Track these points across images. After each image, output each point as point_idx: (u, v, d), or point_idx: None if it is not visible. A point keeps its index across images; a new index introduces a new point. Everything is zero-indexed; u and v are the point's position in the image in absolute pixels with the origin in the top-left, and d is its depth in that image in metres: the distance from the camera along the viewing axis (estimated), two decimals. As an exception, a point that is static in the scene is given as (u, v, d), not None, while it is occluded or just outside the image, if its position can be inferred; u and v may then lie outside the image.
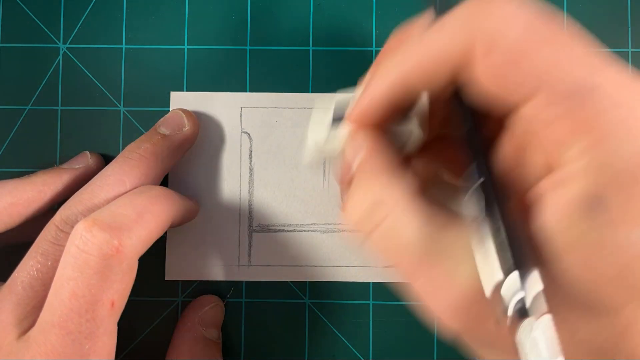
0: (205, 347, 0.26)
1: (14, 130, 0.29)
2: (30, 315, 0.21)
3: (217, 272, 0.29)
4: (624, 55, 0.29)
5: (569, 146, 0.16)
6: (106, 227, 0.20)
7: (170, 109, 0.29)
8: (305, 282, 0.29)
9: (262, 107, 0.29)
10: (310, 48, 0.29)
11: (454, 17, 0.17)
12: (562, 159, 0.16)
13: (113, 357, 0.21)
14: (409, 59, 0.18)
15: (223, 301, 0.29)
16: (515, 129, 0.18)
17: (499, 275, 0.16)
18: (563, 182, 0.16)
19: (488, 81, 0.17)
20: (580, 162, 0.15)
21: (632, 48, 0.29)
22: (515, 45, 0.16)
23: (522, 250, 0.16)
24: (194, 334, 0.26)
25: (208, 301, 0.28)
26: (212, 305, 0.28)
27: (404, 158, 0.22)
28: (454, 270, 0.17)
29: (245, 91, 0.29)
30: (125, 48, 0.29)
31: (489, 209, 0.17)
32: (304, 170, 0.29)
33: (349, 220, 0.19)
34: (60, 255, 0.21)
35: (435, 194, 0.21)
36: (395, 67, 0.19)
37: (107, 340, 0.21)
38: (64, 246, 0.22)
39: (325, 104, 0.23)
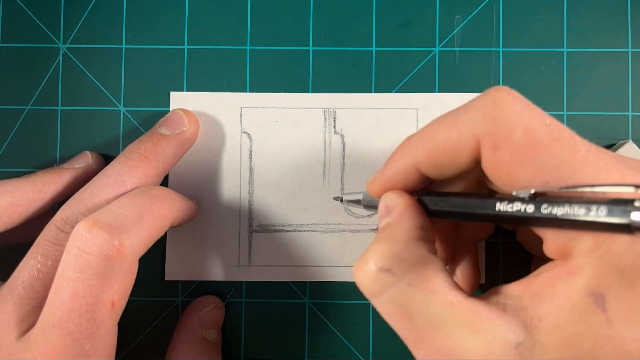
0: (205, 348, 0.26)
1: (14, 130, 0.29)
2: (30, 316, 0.21)
3: (217, 272, 0.29)
4: (624, 55, 0.29)
5: (579, 240, 0.17)
6: (106, 228, 0.20)
7: (170, 109, 0.29)
8: (305, 282, 0.29)
9: (262, 107, 0.29)
10: (310, 48, 0.29)
11: (466, 111, 0.19)
12: (574, 250, 0.17)
13: (113, 358, 0.21)
14: (417, 146, 0.20)
15: (223, 301, 0.29)
16: None
17: None
18: (575, 272, 0.17)
19: (495, 174, 0.18)
20: (588, 257, 0.17)
21: (632, 48, 0.29)
22: (519, 145, 0.18)
23: None
24: (193, 335, 0.26)
25: (208, 302, 0.28)
26: (212, 306, 0.28)
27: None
28: (453, 348, 0.18)
29: (245, 91, 0.29)
30: (125, 48, 0.29)
31: None
32: (304, 171, 0.29)
33: (355, 278, 0.20)
34: (60, 256, 0.21)
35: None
36: (407, 151, 0.21)
37: (107, 341, 0.21)
38: (64, 246, 0.22)
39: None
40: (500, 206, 0.18)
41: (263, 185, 0.29)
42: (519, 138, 0.18)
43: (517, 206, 0.18)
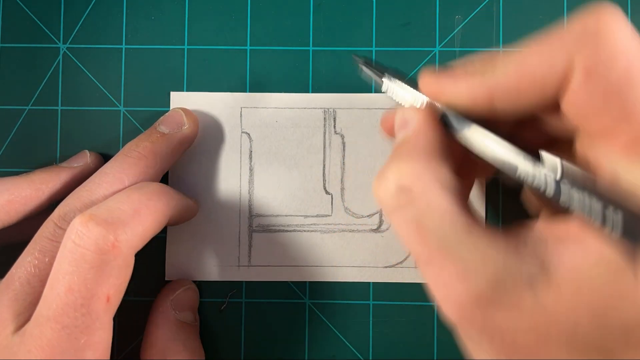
0: (180, 330, 0.26)
1: (14, 130, 0.29)
2: (27, 311, 0.21)
3: (217, 272, 0.29)
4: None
5: None
6: (102, 222, 0.20)
7: (171, 109, 0.29)
8: (305, 282, 0.29)
9: (262, 107, 0.29)
10: (310, 48, 0.29)
11: (565, 31, 0.17)
12: None
13: (109, 352, 0.21)
14: (500, 68, 0.18)
15: (224, 302, 0.29)
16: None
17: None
18: None
19: (574, 109, 0.17)
20: None
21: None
22: (619, 77, 0.16)
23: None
24: (166, 318, 0.26)
25: (179, 285, 0.27)
26: (184, 288, 0.27)
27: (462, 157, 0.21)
28: (463, 272, 0.17)
29: (245, 91, 0.29)
30: (125, 48, 0.29)
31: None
32: (304, 171, 0.29)
33: (375, 194, 0.19)
34: (57, 252, 0.21)
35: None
36: (486, 72, 0.19)
37: (102, 335, 0.21)
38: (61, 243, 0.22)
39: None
40: (521, 172, 0.18)
41: (263, 186, 0.29)
42: (619, 69, 0.16)
43: (539, 181, 0.17)
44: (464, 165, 0.22)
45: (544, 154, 0.18)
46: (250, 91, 0.29)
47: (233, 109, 0.29)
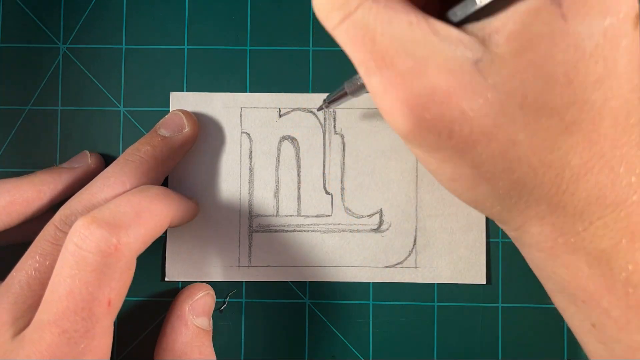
0: (196, 336, 0.26)
1: (14, 130, 0.29)
2: (26, 314, 0.21)
3: (217, 273, 0.29)
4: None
5: None
6: (105, 225, 0.20)
7: (170, 110, 0.29)
8: (305, 282, 0.29)
9: (262, 107, 0.29)
10: (310, 48, 0.29)
11: None
12: None
13: (109, 357, 0.21)
14: None
15: (224, 302, 0.29)
16: None
17: None
18: None
19: None
20: None
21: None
22: None
23: None
24: (184, 323, 0.26)
25: (198, 289, 0.27)
26: (203, 294, 0.27)
27: None
28: (418, 68, 0.17)
29: (245, 91, 0.29)
30: (125, 48, 0.29)
31: None
32: (304, 171, 0.29)
33: (315, 5, 0.19)
34: (58, 255, 0.21)
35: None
36: None
37: (103, 340, 0.20)
38: (62, 246, 0.21)
39: None
40: (459, 11, 0.18)
41: (263, 186, 0.29)
42: None
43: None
44: None
45: None
46: (250, 91, 0.29)
47: (233, 109, 0.29)
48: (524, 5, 0.17)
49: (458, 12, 0.18)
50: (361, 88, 0.23)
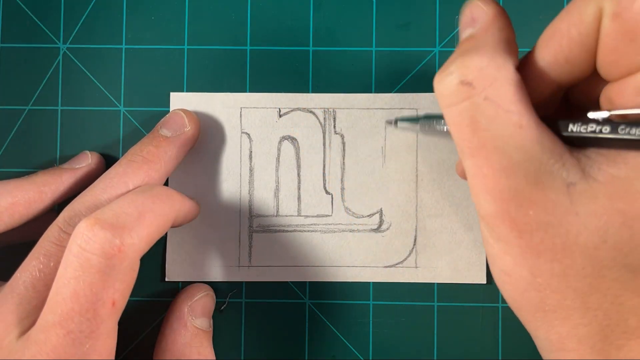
0: (195, 337, 0.26)
1: (14, 130, 0.29)
2: (31, 315, 0.21)
3: (217, 273, 0.29)
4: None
5: None
6: (108, 226, 0.20)
7: (170, 110, 0.29)
8: (305, 282, 0.29)
9: (262, 107, 0.29)
10: (310, 48, 0.29)
11: None
12: None
13: (113, 357, 0.21)
14: (540, 49, 0.19)
15: (224, 302, 0.29)
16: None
17: None
18: None
19: (606, 53, 0.18)
20: None
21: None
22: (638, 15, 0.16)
23: None
24: (183, 324, 0.26)
25: (198, 290, 0.27)
26: (202, 295, 0.27)
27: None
28: (508, 167, 0.18)
29: (245, 91, 0.29)
30: (125, 48, 0.29)
31: None
32: (304, 171, 0.29)
33: (435, 89, 0.19)
34: (62, 256, 0.21)
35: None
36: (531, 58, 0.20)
37: (107, 340, 0.21)
38: (66, 247, 0.22)
39: None
40: (574, 127, 0.18)
41: (263, 186, 0.29)
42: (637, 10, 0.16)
43: (592, 127, 0.18)
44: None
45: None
46: (250, 91, 0.29)
47: (233, 109, 0.29)
48: (636, 165, 0.17)
49: (570, 127, 0.18)
50: (435, 133, 0.24)
